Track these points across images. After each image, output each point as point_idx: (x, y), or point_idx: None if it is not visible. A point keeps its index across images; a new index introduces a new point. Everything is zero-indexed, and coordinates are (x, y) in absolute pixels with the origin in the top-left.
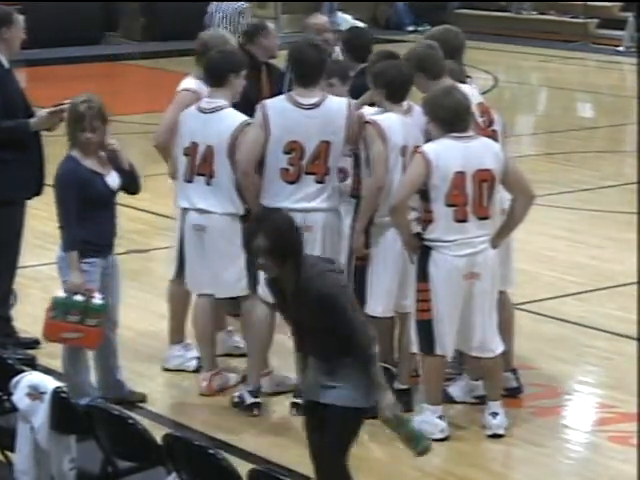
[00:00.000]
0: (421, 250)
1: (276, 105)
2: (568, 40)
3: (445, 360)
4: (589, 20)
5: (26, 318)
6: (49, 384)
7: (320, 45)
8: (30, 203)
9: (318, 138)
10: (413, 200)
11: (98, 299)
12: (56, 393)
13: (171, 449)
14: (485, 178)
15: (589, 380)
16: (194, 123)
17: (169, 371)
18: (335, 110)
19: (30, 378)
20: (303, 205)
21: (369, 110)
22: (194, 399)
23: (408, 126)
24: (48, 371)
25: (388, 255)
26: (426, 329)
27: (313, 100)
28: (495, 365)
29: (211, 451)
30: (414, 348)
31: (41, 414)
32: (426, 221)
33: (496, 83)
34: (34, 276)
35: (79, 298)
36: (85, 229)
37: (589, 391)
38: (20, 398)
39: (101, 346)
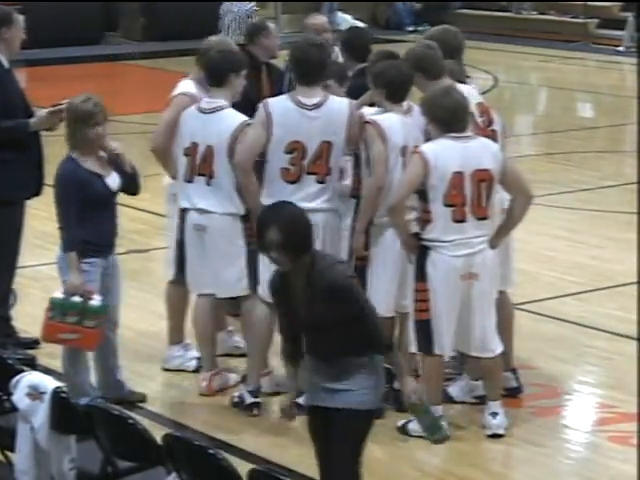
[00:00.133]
0: (419, 250)
1: (279, 105)
2: (568, 40)
3: (443, 360)
4: (589, 20)
5: (26, 318)
6: (49, 384)
7: (322, 44)
8: (30, 203)
9: (320, 138)
10: (412, 200)
11: (96, 301)
12: (56, 393)
13: (171, 449)
14: (483, 178)
15: (589, 380)
16: (194, 123)
17: (169, 371)
18: (337, 110)
19: (30, 378)
20: (304, 205)
21: (369, 110)
22: (194, 399)
23: (408, 126)
24: (48, 371)
25: (388, 255)
26: (424, 329)
27: (315, 100)
28: (495, 365)
29: (211, 451)
30: (412, 348)
31: (41, 414)
32: (424, 221)
33: (496, 83)
34: (34, 276)
35: (77, 299)
36: (85, 229)
37: (589, 391)
38: (20, 398)
39: (101, 346)
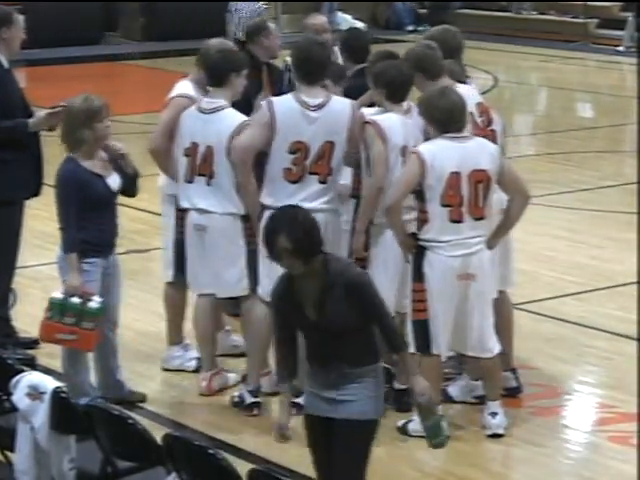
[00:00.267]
0: (416, 250)
1: (283, 105)
2: (568, 40)
3: (441, 359)
4: (589, 20)
5: (26, 318)
6: (49, 384)
7: (323, 43)
8: (30, 203)
9: (323, 139)
10: (411, 200)
11: (95, 302)
12: (56, 393)
13: (171, 449)
14: (480, 179)
15: (589, 380)
16: (194, 123)
17: (169, 371)
18: (339, 110)
19: (30, 378)
20: (305, 205)
21: (369, 110)
22: (194, 399)
23: (408, 126)
24: (48, 371)
25: (388, 255)
26: (422, 329)
27: (318, 100)
28: (494, 365)
29: (211, 451)
30: (410, 348)
31: (41, 414)
32: (421, 221)
33: (496, 83)
34: (34, 276)
35: (76, 300)
36: (86, 230)
37: (589, 391)
38: (20, 398)
39: (101, 346)
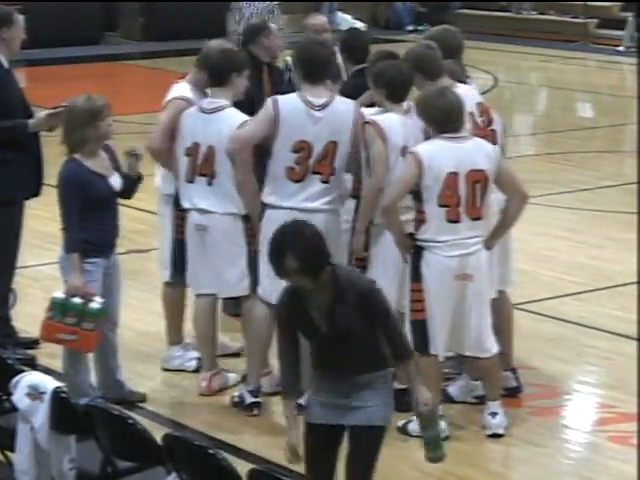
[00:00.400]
0: (414, 250)
1: (289, 103)
2: (568, 40)
3: (439, 359)
4: (589, 20)
5: (26, 318)
6: (49, 384)
7: (325, 42)
8: (30, 203)
9: (327, 138)
10: (409, 200)
11: (97, 303)
12: (56, 393)
13: (171, 449)
14: (478, 179)
15: (589, 380)
16: (195, 123)
17: (169, 371)
18: (343, 111)
19: (30, 378)
20: (306, 205)
21: (369, 110)
22: (194, 399)
23: (408, 126)
24: (48, 371)
25: (388, 255)
26: (420, 329)
27: (322, 100)
28: (493, 365)
29: (211, 451)
30: None
31: (41, 414)
32: (419, 221)
33: (496, 83)
34: (34, 276)
35: (77, 301)
36: (88, 230)
37: (589, 391)
38: (20, 398)
39: (101, 346)
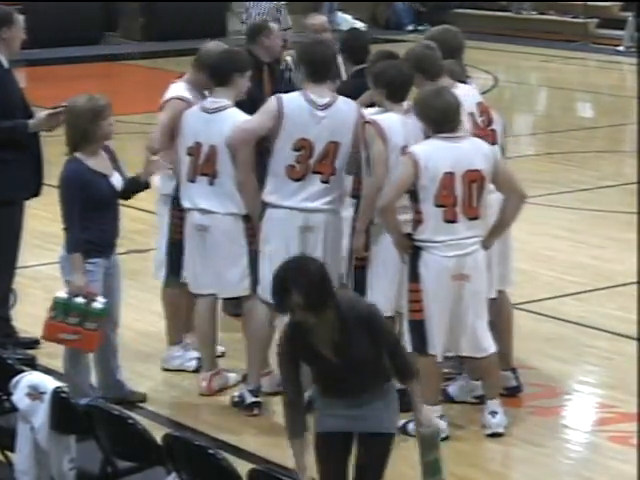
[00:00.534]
0: (412, 250)
1: (292, 101)
2: (568, 40)
3: (437, 359)
4: (589, 20)
5: (26, 318)
6: (49, 384)
7: (327, 41)
8: (30, 203)
9: (327, 138)
10: (406, 200)
11: (99, 303)
12: (56, 393)
13: (171, 449)
14: (474, 178)
15: (589, 380)
16: (197, 123)
17: (169, 371)
18: (345, 111)
19: (30, 378)
20: (306, 205)
21: (369, 110)
22: (194, 399)
23: (409, 126)
24: (48, 371)
25: (388, 255)
26: (418, 329)
27: (325, 100)
28: (491, 364)
29: (211, 451)
30: (407, 348)
31: (41, 414)
32: (416, 222)
33: (496, 83)
34: (34, 276)
35: (80, 300)
36: (89, 230)
37: (589, 391)
38: (20, 398)
39: (102, 347)
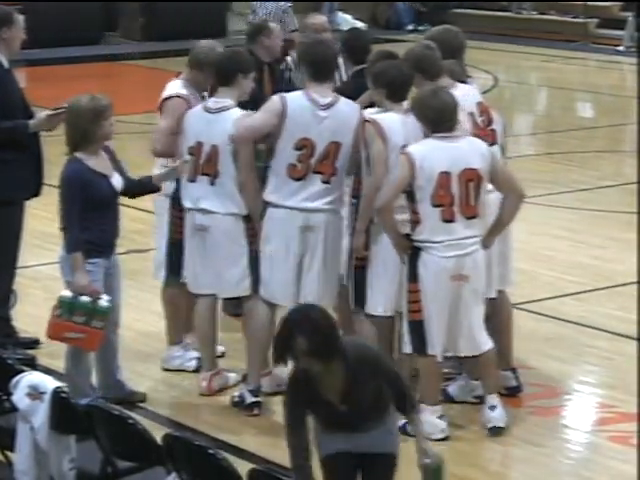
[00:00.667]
0: (411, 251)
1: (295, 100)
2: (568, 40)
3: (437, 359)
4: (589, 20)
5: (26, 318)
6: (49, 384)
7: (327, 41)
8: (30, 203)
9: (329, 138)
10: (404, 200)
11: (105, 301)
12: (56, 393)
13: (171, 449)
14: (471, 177)
15: (589, 380)
16: (199, 123)
17: (169, 371)
18: (347, 112)
19: (30, 378)
20: (307, 205)
21: (368, 110)
22: (194, 399)
23: (409, 125)
24: (48, 371)
25: (388, 254)
26: (417, 329)
27: (327, 100)
28: (487, 360)
29: (211, 451)
30: (407, 348)
31: (41, 414)
32: (414, 222)
33: (496, 83)
34: (34, 276)
35: (86, 299)
36: (89, 230)
37: (589, 391)
38: (20, 398)
39: (102, 347)
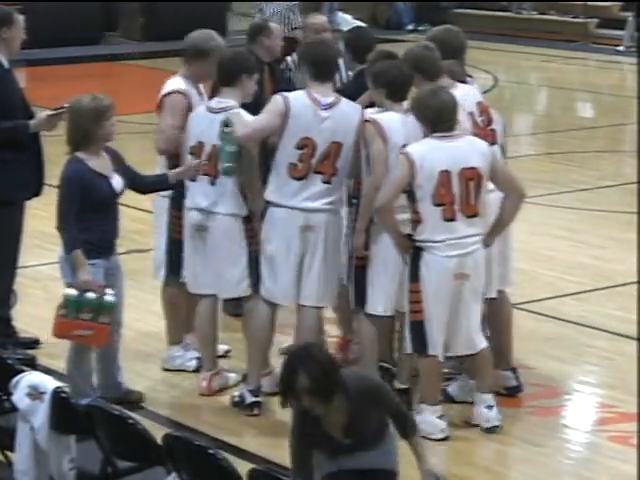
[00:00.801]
0: (413, 251)
1: (298, 100)
2: (568, 40)
3: (438, 360)
4: (589, 20)
5: (26, 318)
6: (49, 384)
7: (328, 41)
8: (30, 203)
9: (330, 138)
10: (404, 200)
11: (110, 296)
12: (56, 393)
13: (171, 449)
14: (471, 176)
15: (589, 380)
16: (202, 123)
17: (169, 371)
18: (349, 113)
19: (30, 378)
20: (307, 205)
21: (368, 110)
22: (194, 399)
23: (409, 125)
24: (48, 371)
25: (388, 254)
26: (418, 330)
27: (329, 100)
28: (483, 359)
29: (211, 451)
30: (408, 349)
31: (41, 414)
32: (415, 222)
33: (496, 83)
34: (34, 276)
35: (92, 296)
36: (89, 231)
37: (589, 391)
38: (20, 398)
39: (105, 347)
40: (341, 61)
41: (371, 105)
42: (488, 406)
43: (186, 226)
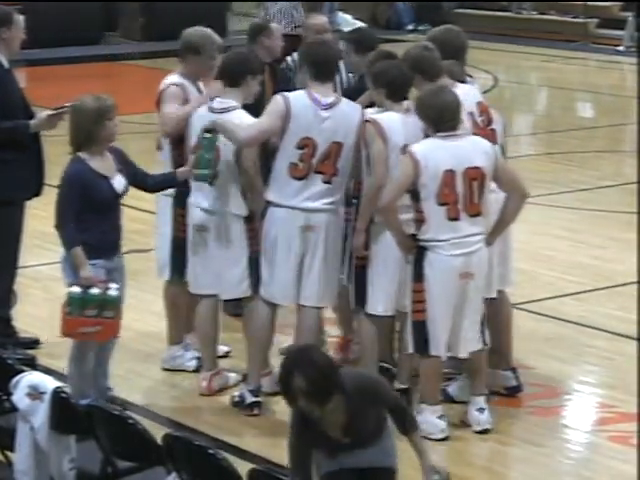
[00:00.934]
0: (417, 251)
1: (298, 100)
2: (568, 40)
3: (441, 360)
4: (589, 20)
5: (26, 318)
6: (49, 384)
7: (329, 41)
8: (30, 203)
9: (331, 138)
10: (408, 199)
11: (114, 290)
12: (56, 393)
13: (171, 449)
14: (475, 176)
15: (589, 380)
16: (202, 122)
17: (169, 371)
18: (349, 113)
19: (30, 378)
20: (307, 205)
21: (368, 110)
22: (194, 399)
23: (409, 125)
24: (48, 371)
25: (389, 254)
26: (420, 330)
27: (329, 100)
28: (479, 360)
29: (211, 451)
30: (410, 348)
31: (41, 414)
32: (418, 221)
33: (496, 83)
34: (34, 276)
35: (95, 291)
36: (88, 231)
37: (589, 391)
38: (20, 398)
39: (102, 349)
40: (341, 62)
41: (371, 105)
42: (479, 409)
43: (188, 226)
